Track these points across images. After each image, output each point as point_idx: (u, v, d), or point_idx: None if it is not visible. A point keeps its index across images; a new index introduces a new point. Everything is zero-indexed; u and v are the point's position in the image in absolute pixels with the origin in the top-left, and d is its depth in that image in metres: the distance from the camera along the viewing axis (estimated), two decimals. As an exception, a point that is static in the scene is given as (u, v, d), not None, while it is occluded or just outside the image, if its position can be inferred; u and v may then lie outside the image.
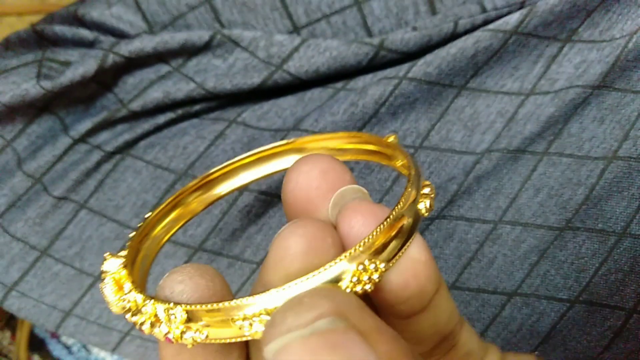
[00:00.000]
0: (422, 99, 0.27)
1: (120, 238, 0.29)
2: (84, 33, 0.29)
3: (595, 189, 0.25)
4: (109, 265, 0.14)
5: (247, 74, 0.27)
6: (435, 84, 0.26)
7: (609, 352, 0.25)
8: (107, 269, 0.14)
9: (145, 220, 0.16)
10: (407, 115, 0.27)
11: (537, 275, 0.25)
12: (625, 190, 0.24)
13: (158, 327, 0.13)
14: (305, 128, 0.27)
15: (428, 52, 0.26)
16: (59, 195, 0.28)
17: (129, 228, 0.29)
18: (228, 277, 0.28)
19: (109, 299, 0.14)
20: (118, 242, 0.29)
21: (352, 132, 0.18)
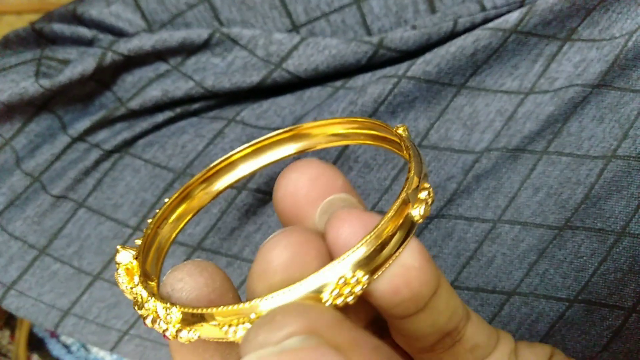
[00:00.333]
0: (421, 98, 0.27)
1: (119, 237, 0.29)
2: (83, 31, 0.29)
3: (595, 188, 0.25)
4: (122, 257, 0.15)
5: (246, 73, 0.27)
6: (435, 83, 0.26)
7: (608, 351, 0.25)
8: (119, 261, 0.15)
9: (156, 214, 0.17)
10: (406, 114, 0.27)
11: (536, 275, 0.25)
12: (625, 190, 0.24)
13: (158, 323, 0.13)
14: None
15: (427, 50, 0.26)
16: (58, 194, 0.28)
17: (128, 227, 0.29)
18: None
19: (123, 288, 0.15)
20: (117, 240, 0.29)
21: (354, 117, 0.18)
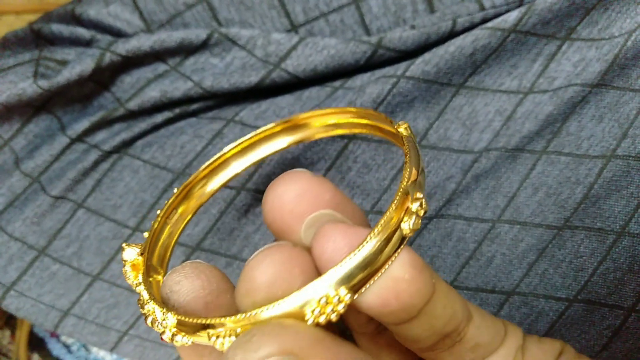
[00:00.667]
0: (420, 98, 0.26)
1: (118, 237, 0.29)
2: (81, 32, 0.29)
3: (594, 188, 0.24)
4: (127, 254, 0.15)
5: (244, 73, 0.27)
6: (434, 83, 0.26)
7: (608, 351, 0.25)
8: (125, 258, 0.15)
9: (163, 208, 0.17)
10: (405, 114, 0.27)
11: (535, 274, 0.25)
12: (624, 189, 0.24)
13: (157, 325, 0.14)
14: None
15: (426, 50, 0.26)
16: (57, 195, 0.28)
17: (127, 227, 0.29)
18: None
19: (130, 283, 0.15)
20: (116, 241, 0.29)
21: (347, 107, 0.18)
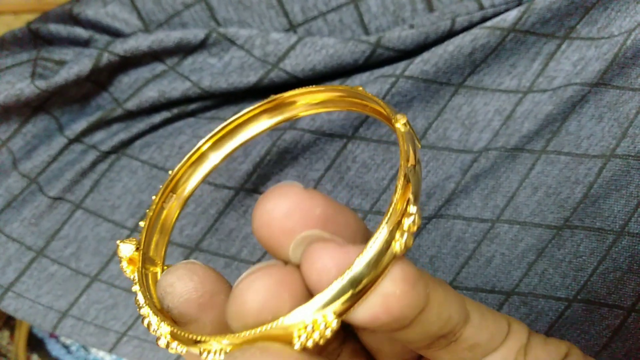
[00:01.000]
0: (419, 97, 0.26)
1: (116, 238, 0.29)
2: (79, 32, 0.29)
3: (594, 188, 0.24)
4: (123, 251, 0.15)
5: (243, 73, 0.27)
6: (433, 82, 0.26)
7: (607, 350, 0.25)
8: (122, 255, 0.15)
9: (155, 199, 0.17)
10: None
11: (535, 274, 0.25)
12: (624, 189, 0.24)
13: (153, 329, 0.14)
14: (302, 127, 0.27)
15: (425, 49, 0.26)
16: (55, 196, 0.28)
17: (125, 228, 0.28)
18: (225, 277, 0.28)
19: (130, 278, 0.15)
20: (114, 242, 0.29)
21: (336, 86, 0.17)
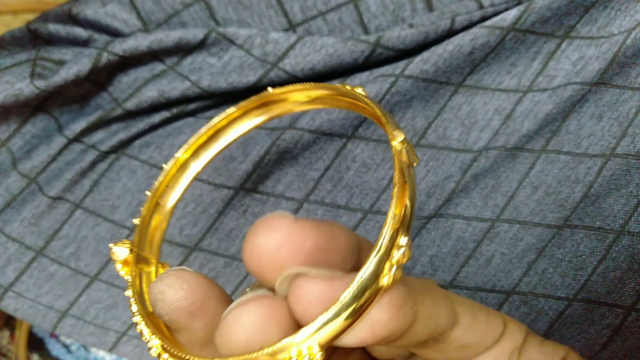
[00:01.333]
0: (418, 97, 0.26)
1: (116, 238, 0.29)
2: (78, 32, 0.29)
3: (593, 187, 0.24)
4: (117, 254, 0.16)
5: (242, 72, 0.27)
6: (432, 82, 0.26)
7: (607, 350, 0.25)
8: (115, 258, 0.16)
9: (149, 195, 0.17)
10: (403, 113, 0.27)
11: (535, 274, 0.25)
12: (624, 188, 0.24)
13: (145, 338, 0.14)
14: (302, 126, 0.27)
15: (425, 49, 0.26)
16: (54, 195, 0.28)
17: (125, 228, 0.28)
18: (224, 277, 0.28)
19: (125, 279, 0.16)
20: (114, 242, 0.29)
21: (323, 83, 0.17)
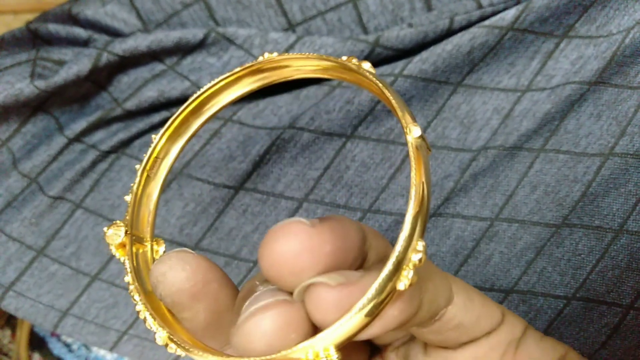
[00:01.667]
0: (417, 96, 0.26)
1: (117, 237, 0.29)
2: (78, 32, 0.29)
3: (592, 186, 0.24)
4: (111, 237, 0.15)
5: None
6: (431, 81, 0.26)
7: (606, 349, 0.25)
8: (110, 241, 0.15)
9: (139, 170, 0.17)
10: None
11: (533, 273, 0.25)
12: (622, 187, 0.24)
13: (150, 326, 0.14)
14: (301, 126, 0.27)
15: (424, 48, 0.26)
16: (55, 195, 0.28)
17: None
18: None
19: (120, 261, 0.15)
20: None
21: (328, 56, 0.17)
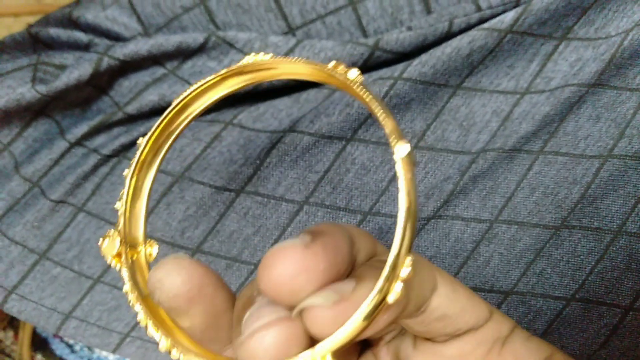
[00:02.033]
0: (417, 99, 0.27)
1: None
2: (79, 36, 0.29)
3: (591, 188, 0.25)
4: (107, 248, 0.15)
5: None
6: (431, 84, 0.26)
7: (605, 349, 0.25)
8: (105, 252, 0.16)
9: (127, 175, 0.17)
10: (402, 116, 0.27)
11: (533, 274, 0.25)
12: (621, 189, 0.24)
13: (149, 331, 0.14)
14: (301, 129, 0.27)
15: (423, 51, 0.26)
16: (57, 199, 0.28)
17: (127, 231, 0.29)
18: (226, 278, 0.29)
19: (115, 269, 0.16)
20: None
21: (315, 62, 0.17)
